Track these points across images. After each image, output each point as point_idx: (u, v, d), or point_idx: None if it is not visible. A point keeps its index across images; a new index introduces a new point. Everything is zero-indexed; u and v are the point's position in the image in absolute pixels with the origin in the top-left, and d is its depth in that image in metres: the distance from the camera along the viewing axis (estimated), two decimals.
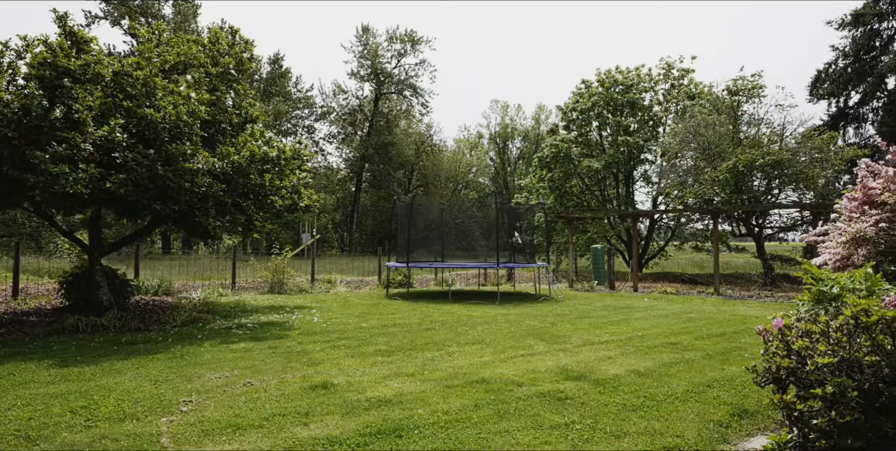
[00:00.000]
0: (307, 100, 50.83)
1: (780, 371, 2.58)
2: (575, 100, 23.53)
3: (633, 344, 7.16)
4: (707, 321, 9.32)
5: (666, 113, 22.24)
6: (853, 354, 2.41)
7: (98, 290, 9.12)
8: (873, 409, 2.39)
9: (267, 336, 7.82)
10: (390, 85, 50.21)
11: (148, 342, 7.31)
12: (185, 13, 44.32)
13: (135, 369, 5.74)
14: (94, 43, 8.49)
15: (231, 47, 10.24)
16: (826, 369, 2.41)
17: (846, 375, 2.40)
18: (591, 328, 8.51)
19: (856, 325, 2.48)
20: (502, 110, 57.09)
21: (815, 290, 3.36)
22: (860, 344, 2.45)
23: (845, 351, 2.42)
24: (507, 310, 10.94)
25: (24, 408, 4.37)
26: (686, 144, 19.29)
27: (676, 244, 23.35)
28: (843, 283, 3.37)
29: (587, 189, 23.59)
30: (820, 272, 3.52)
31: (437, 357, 6.37)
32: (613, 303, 12.23)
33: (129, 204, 8.00)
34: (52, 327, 8.10)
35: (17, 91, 7.75)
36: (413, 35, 48.61)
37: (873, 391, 2.38)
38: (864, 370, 2.41)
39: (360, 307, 11.21)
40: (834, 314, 2.85)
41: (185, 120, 8.07)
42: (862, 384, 2.37)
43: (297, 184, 9.98)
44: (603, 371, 5.65)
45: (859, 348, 2.44)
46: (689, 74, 22.28)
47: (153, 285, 12.71)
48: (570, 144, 22.08)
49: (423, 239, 15.82)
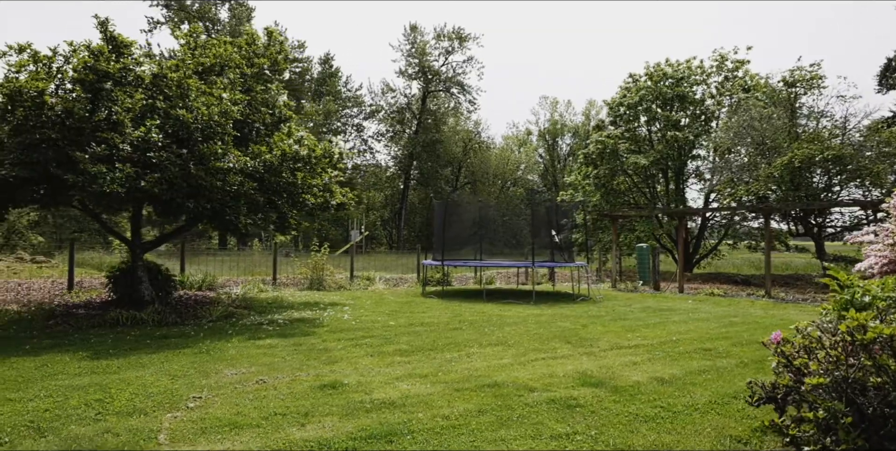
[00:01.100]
0: (356, 99, 51.61)
1: (777, 390, 2.33)
2: (622, 95, 22.85)
3: (663, 349, 6.83)
4: (750, 326, 8.82)
5: (719, 106, 21.27)
6: (853, 374, 2.14)
7: (140, 285, 9.48)
8: (878, 436, 2.12)
9: (294, 333, 7.91)
10: (438, 83, 50.29)
11: (180, 337, 7.53)
12: (239, 16, 45.75)
13: (159, 364, 5.90)
14: (133, 47, 8.80)
15: (266, 48, 10.42)
16: (821, 389, 2.15)
17: (845, 397, 2.13)
18: (623, 331, 8.19)
19: (852, 342, 2.21)
20: (551, 106, 56.19)
21: (839, 298, 3.05)
22: (862, 363, 2.18)
23: (843, 371, 2.15)
24: (541, 310, 10.70)
25: (45, 400, 4.54)
26: (740, 139, 18.39)
27: (730, 243, 22.35)
28: (873, 291, 3.05)
29: (634, 186, 22.88)
30: (848, 278, 3.20)
31: (455, 359, 6.26)
32: (654, 305, 11.78)
33: (164, 202, 8.26)
34: (96, 320, 8.47)
35: (64, 95, 8.14)
36: (460, 32, 48.50)
37: (878, 417, 2.10)
38: (867, 393, 2.13)
39: (392, 305, 11.23)
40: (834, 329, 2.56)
41: (217, 120, 8.26)
42: (865, 407, 2.10)
43: (329, 182, 10.06)
44: (624, 378, 5.40)
45: (861, 368, 2.17)
46: (744, 66, 21.22)
47: (197, 281, 13.15)
48: (616, 140, 21.47)
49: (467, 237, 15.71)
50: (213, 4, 45.62)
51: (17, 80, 7.71)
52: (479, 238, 15.74)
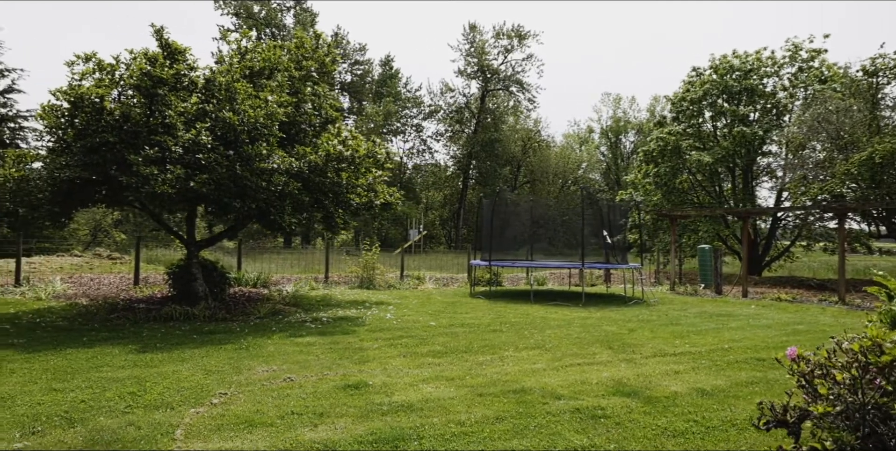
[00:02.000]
0: (415, 99, 52.05)
1: (790, 412, 2.07)
2: (685, 89, 21.88)
3: (711, 357, 6.43)
4: (815, 335, 8.18)
5: (791, 99, 19.96)
6: (871, 399, 1.85)
7: (194, 281, 9.87)
8: None
9: (334, 331, 8.00)
10: (497, 81, 49.95)
11: (225, 333, 7.77)
12: (303, 22, 47.15)
13: (198, 359, 6.08)
14: (188, 53, 9.16)
15: (314, 51, 10.61)
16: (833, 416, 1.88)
17: (863, 426, 1.85)
18: (672, 337, 7.78)
19: (865, 364, 1.91)
20: (614, 103, 54.63)
21: (885, 309, 2.72)
22: (883, 388, 1.88)
23: (857, 396, 1.86)
24: (589, 313, 10.35)
25: (84, 390, 4.77)
26: (814, 133, 17.18)
27: (803, 245, 20.95)
28: None
29: (698, 184, 21.86)
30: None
31: (487, 362, 6.12)
32: (712, 309, 11.15)
33: (212, 202, 8.55)
34: (152, 315, 8.89)
35: (126, 100, 8.58)
36: (520, 30, 47.96)
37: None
38: (890, 422, 1.84)
39: (437, 305, 11.18)
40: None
41: (263, 122, 8.47)
42: (887, 439, 1.81)
43: (373, 182, 10.13)
44: (661, 388, 5.10)
45: (887, 393, 1.87)
46: (820, 55, 19.80)
47: (252, 278, 13.59)
48: (678, 137, 20.56)
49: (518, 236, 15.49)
50: (279, 11, 47.27)
51: (80, 87, 8.18)
52: (530, 238, 15.48)
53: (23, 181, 8.58)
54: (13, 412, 4.17)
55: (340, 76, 50.83)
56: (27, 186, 8.50)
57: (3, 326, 7.93)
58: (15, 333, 7.45)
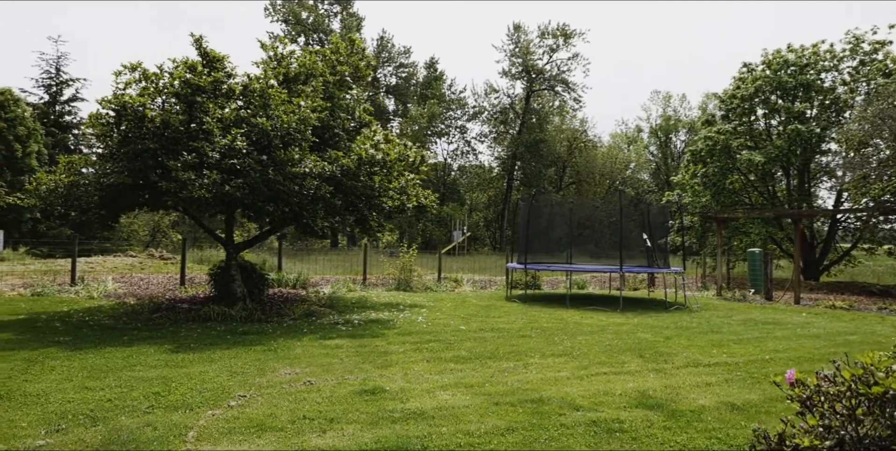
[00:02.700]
0: (459, 101, 52.06)
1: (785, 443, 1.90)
2: (735, 86, 21.01)
3: (748, 369, 6.12)
4: (869, 347, 7.66)
5: (852, 95, 18.86)
6: (868, 432, 1.67)
7: (232, 282, 10.14)
8: None
9: (364, 334, 8.05)
10: (542, 81, 49.44)
11: (258, 334, 7.94)
12: (350, 27, 47.95)
13: (227, 360, 6.23)
14: (226, 61, 9.43)
15: (349, 56, 10.73)
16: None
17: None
18: (709, 346, 7.45)
19: (858, 395, 1.71)
20: (664, 101, 53.13)
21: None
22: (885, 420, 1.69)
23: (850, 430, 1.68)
24: (625, 319, 10.06)
25: (113, 389, 4.95)
26: (878, 130, 16.17)
27: (865, 248, 19.76)
28: None
29: (749, 185, 20.96)
30: None
31: (510, 369, 6.02)
32: (759, 316, 10.65)
33: (247, 206, 8.76)
34: (191, 315, 9.19)
35: (168, 108, 8.91)
36: (565, 29, 47.31)
37: None
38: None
39: (471, 308, 11.11)
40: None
41: (296, 127, 8.62)
42: None
43: (406, 185, 10.15)
44: (688, 401, 4.88)
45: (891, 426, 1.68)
46: (885, 47, 18.61)
47: (292, 279, 13.87)
48: (727, 136, 19.77)
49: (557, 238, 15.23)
50: (326, 17, 48.24)
51: (123, 96, 8.54)
52: (571, 240, 15.18)
53: (73, 186, 9.03)
54: (44, 410, 4.37)
55: (385, 79, 51.47)
56: (77, 190, 8.93)
57: (55, 324, 8.36)
58: (63, 331, 7.83)
